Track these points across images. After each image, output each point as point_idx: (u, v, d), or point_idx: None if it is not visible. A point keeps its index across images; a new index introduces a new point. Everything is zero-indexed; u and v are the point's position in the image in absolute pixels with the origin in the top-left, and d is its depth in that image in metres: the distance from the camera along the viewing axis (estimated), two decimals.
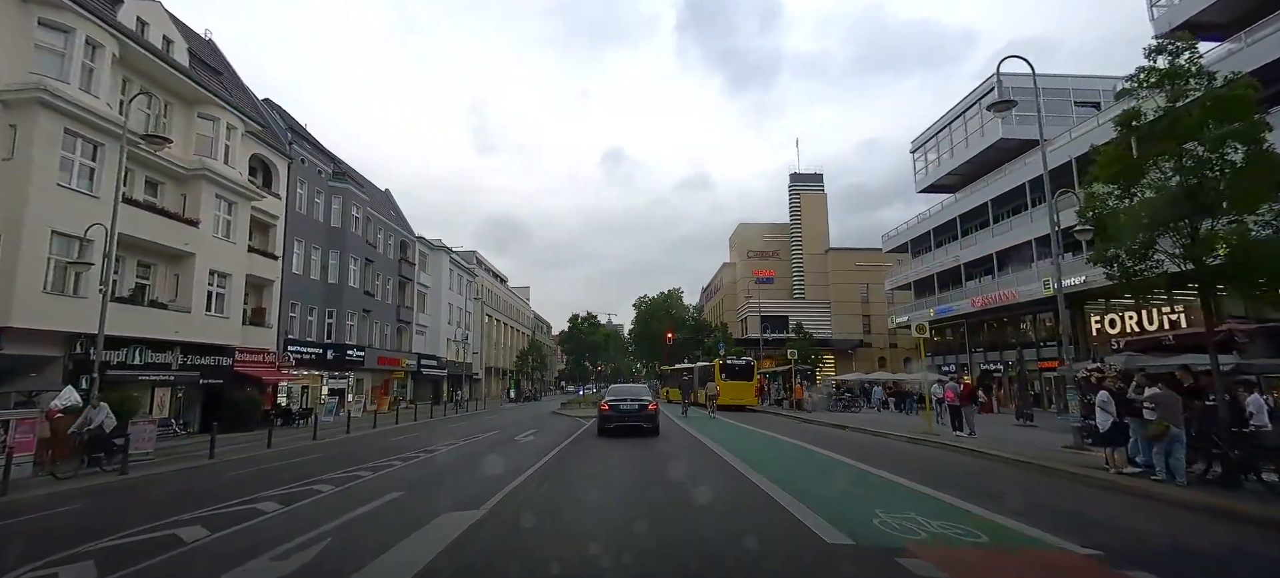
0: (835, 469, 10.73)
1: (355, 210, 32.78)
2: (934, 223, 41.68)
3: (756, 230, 68.13)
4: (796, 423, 22.06)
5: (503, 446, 15.06)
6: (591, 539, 5.98)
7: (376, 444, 16.29)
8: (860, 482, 9.35)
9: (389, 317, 38.52)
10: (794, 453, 13.24)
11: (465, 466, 11.53)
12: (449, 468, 11.23)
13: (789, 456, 12.85)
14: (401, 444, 15.92)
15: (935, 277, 40.88)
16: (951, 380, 19.44)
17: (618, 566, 5.21)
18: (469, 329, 57.59)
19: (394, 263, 39.70)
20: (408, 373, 41.26)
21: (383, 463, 11.74)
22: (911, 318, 44.34)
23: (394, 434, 20.17)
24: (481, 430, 19.94)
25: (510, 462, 11.48)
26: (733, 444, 14.36)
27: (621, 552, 5.58)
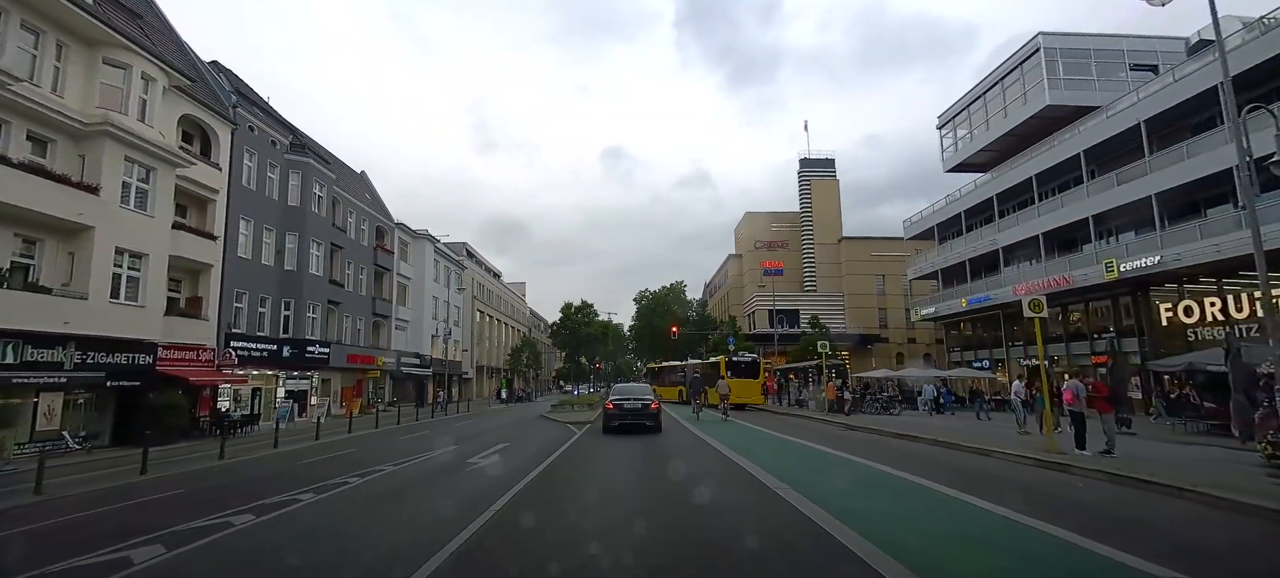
0: (976, 523, 6.64)
1: (318, 188, 28.88)
2: (965, 204, 37.75)
3: (764, 219, 64.23)
4: (842, 432, 17.94)
5: (437, 480, 10.20)
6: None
7: (251, 477, 11.64)
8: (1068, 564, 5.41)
9: (363, 310, 34.65)
10: (890, 487, 8.97)
11: (324, 539, 6.40)
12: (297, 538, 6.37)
13: (888, 493, 8.51)
14: (280, 479, 10.33)
15: (967, 263, 36.93)
16: (1071, 379, 15.38)
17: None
18: (458, 325, 53.74)
19: (369, 250, 35.81)
20: (386, 372, 37.38)
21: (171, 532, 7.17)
22: (938, 309, 40.59)
23: (311, 456, 14.36)
24: (435, 446, 15.01)
25: (416, 526, 6.74)
26: (790, 472, 9.96)
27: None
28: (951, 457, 12.11)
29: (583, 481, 9.70)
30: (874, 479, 9.50)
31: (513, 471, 10.39)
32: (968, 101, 37.93)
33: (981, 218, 37.78)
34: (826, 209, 61.06)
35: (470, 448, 14.31)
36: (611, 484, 9.26)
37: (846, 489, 8.74)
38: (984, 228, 36.30)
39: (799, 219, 62.51)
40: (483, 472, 10.66)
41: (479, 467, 11.30)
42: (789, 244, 62.40)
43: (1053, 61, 31.67)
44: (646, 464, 11.08)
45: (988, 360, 37.58)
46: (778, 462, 11.11)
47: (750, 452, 12.38)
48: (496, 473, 10.35)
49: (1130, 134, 26.22)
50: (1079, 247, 30.58)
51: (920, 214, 42.92)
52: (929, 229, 42.09)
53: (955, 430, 16.65)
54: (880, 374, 34.72)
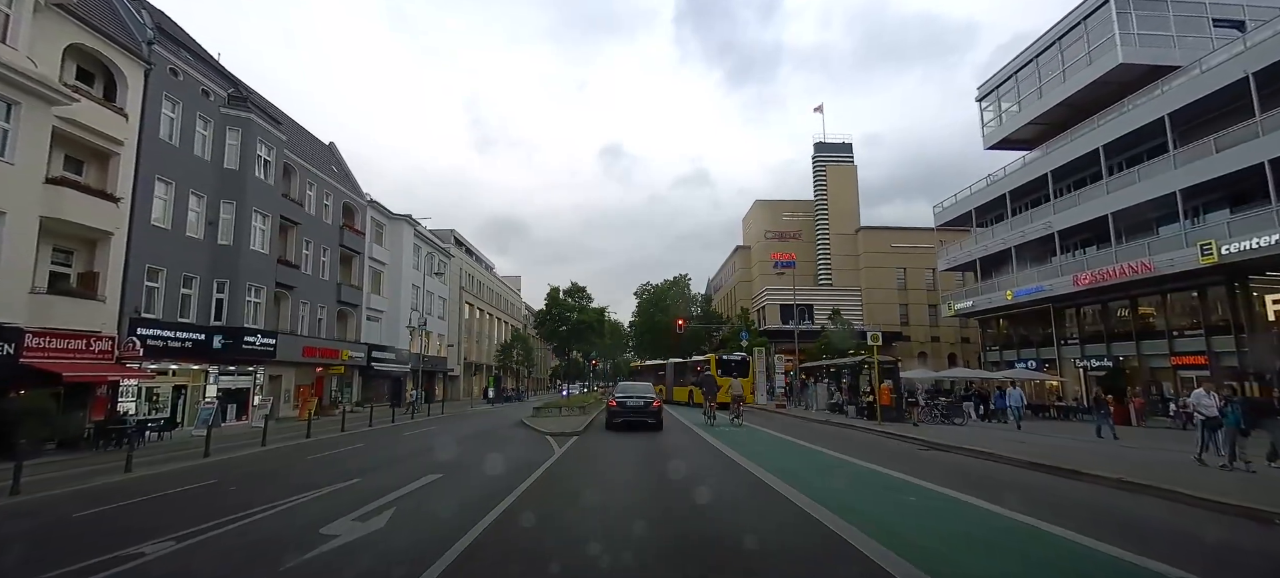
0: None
1: (264, 151, 24.52)
2: (1010, 185, 33.33)
3: (775, 208, 59.83)
4: (921, 451, 13.29)
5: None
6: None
7: None
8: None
9: (325, 296, 30.30)
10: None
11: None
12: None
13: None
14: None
15: (1013, 251, 32.53)
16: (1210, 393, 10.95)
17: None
18: (442, 318, 49.40)
19: (333, 229, 31.44)
20: (354, 368, 33.06)
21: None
22: (975, 303, 36.22)
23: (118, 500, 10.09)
24: (323, 482, 9.02)
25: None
26: (925, 543, 5.68)
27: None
28: (1160, 512, 7.56)
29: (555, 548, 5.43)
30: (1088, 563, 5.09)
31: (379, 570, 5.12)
32: (1016, 67, 33.48)
33: (1028, 200, 33.41)
34: (843, 197, 56.66)
35: (375, 485, 8.61)
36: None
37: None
38: (1035, 210, 31.91)
39: (813, 208, 58.12)
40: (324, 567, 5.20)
41: (324, 554, 5.48)
42: (802, 235, 58.03)
43: (1125, 15, 27.23)
44: (660, 521, 6.64)
45: (1034, 360, 33.23)
46: (886, 517, 6.68)
47: (824, 494, 7.90)
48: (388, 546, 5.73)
49: (1231, 92, 21.87)
50: (1155, 228, 26.24)
51: (954, 198, 38.48)
52: (964, 215, 37.65)
53: (1100, 456, 11.48)
54: (916, 374, 30.33)
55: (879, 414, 17.43)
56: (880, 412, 17.45)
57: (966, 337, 51.28)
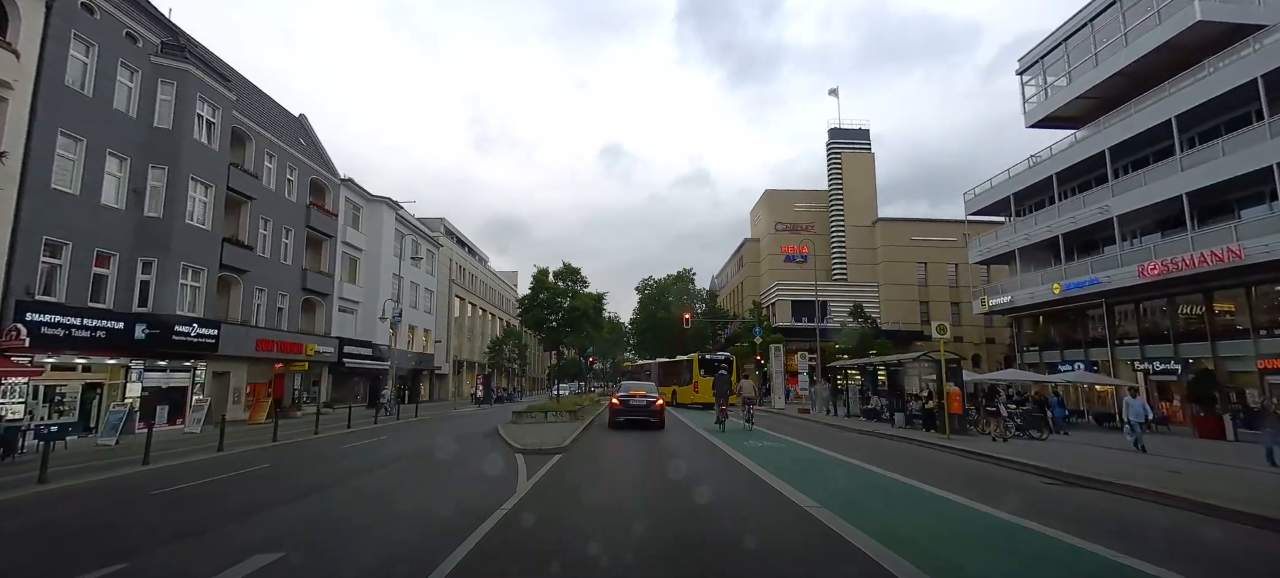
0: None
1: (207, 111, 21.11)
2: (1057, 166, 29.81)
3: (786, 198, 56.28)
4: (1062, 496, 8.39)
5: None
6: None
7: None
8: None
9: (287, 283, 26.88)
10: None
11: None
12: None
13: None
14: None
15: (1061, 239, 29.03)
16: None
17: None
18: (429, 312, 45.98)
19: (298, 208, 28.00)
20: (322, 364, 29.64)
21: None
22: (1015, 298, 32.68)
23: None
24: (97, 554, 4.91)
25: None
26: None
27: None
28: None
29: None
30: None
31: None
32: (1067, 34, 29.89)
33: (1077, 183, 29.93)
34: (860, 186, 53.14)
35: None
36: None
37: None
38: (1088, 193, 28.37)
39: (827, 199, 54.57)
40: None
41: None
42: (815, 227, 54.50)
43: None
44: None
45: (1082, 362, 29.68)
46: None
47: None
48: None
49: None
50: (1236, 211, 22.78)
51: (989, 183, 34.92)
52: (999, 202, 34.16)
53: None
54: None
55: (948, 425, 13.94)
56: (949, 422, 13.96)
57: (991, 337, 47.81)
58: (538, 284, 20.57)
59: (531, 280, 21.76)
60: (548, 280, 20.58)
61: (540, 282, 20.58)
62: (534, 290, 20.79)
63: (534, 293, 20.62)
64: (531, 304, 21.18)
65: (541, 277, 20.78)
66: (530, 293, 21.39)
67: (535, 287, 20.80)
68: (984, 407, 14.13)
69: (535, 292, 20.58)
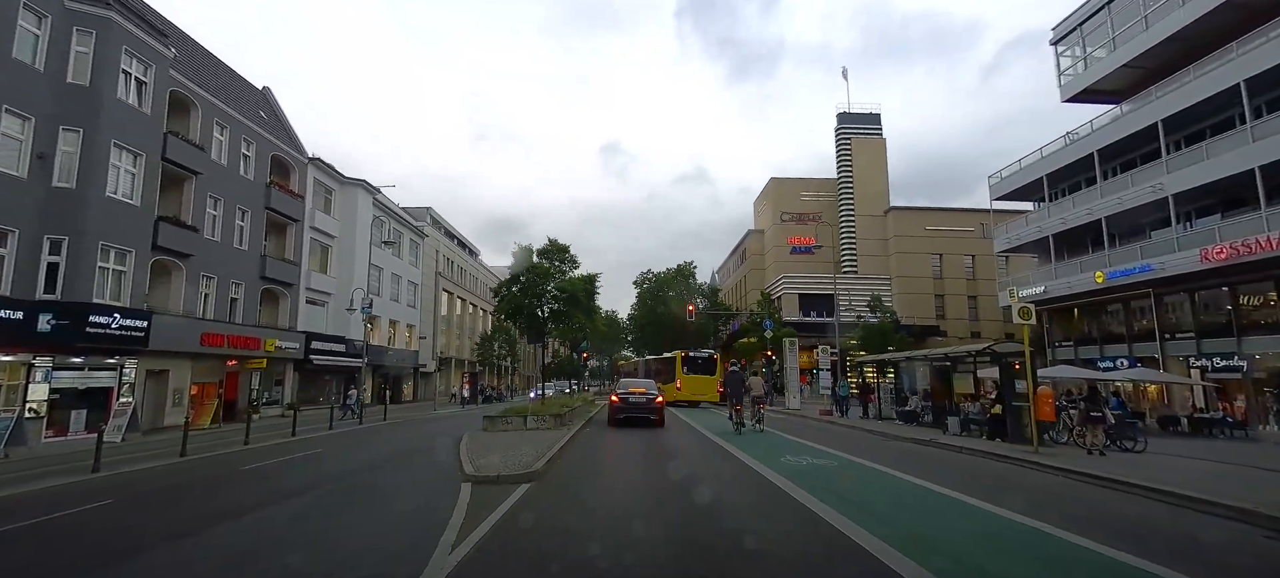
0: None
1: (137, 68, 18.18)
2: (1099, 142, 27.04)
3: (792, 186, 53.44)
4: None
5: None
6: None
7: None
8: None
9: (241, 270, 23.96)
10: None
11: None
12: None
13: None
14: None
15: (1104, 222, 26.26)
16: None
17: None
18: (415, 306, 43.11)
19: (256, 187, 25.07)
20: (285, 362, 26.77)
21: None
22: (1048, 288, 29.91)
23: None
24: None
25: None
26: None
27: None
28: None
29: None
30: None
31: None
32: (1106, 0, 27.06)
33: (1119, 162, 27.19)
34: (871, 174, 50.31)
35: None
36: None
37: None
38: (1135, 172, 25.59)
39: (836, 187, 51.75)
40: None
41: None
42: (823, 217, 51.68)
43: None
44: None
45: (1126, 358, 26.90)
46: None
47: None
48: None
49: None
50: None
51: (1018, 164, 32.14)
52: (1031, 185, 31.37)
53: None
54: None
55: (1035, 435, 11.11)
56: (1036, 430, 11.12)
57: (1011, 332, 45.06)
58: (518, 266, 17.50)
59: (511, 263, 18.69)
60: (532, 260, 17.45)
61: (521, 262, 17.56)
62: (513, 273, 17.69)
63: (514, 276, 17.53)
64: (511, 290, 17.78)
65: (525, 255, 17.65)
66: (508, 284, 18.18)
67: (514, 268, 17.78)
68: (1068, 410, 11.34)
69: (515, 275, 17.46)
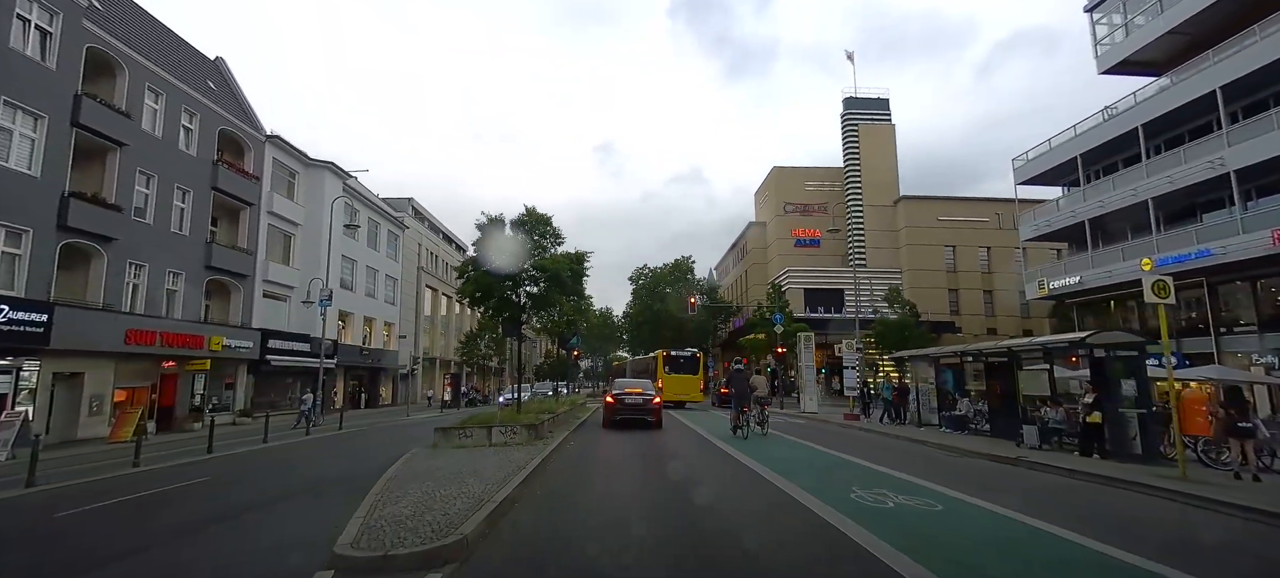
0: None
1: (33, 13, 15.27)
2: (1144, 115, 24.39)
3: (796, 176, 50.70)
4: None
5: None
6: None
7: None
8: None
9: (180, 259, 21.01)
10: None
11: None
12: None
13: None
14: None
15: (1150, 204, 23.65)
16: None
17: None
18: (394, 303, 40.19)
19: (201, 166, 22.13)
20: (237, 362, 23.83)
21: None
22: (1083, 278, 27.27)
23: None
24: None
25: None
26: None
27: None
28: None
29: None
30: None
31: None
32: None
33: (1166, 139, 24.60)
34: (879, 162, 47.64)
35: None
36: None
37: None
38: (1188, 147, 22.97)
39: (842, 176, 49.07)
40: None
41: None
42: (828, 208, 49.00)
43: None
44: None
45: (1175, 355, 24.18)
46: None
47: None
48: None
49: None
50: None
51: (1047, 144, 29.49)
52: (1060, 167, 28.73)
53: None
54: None
55: (1180, 450, 8.33)
56: (1180, 447, 8.37)
57: (1029, 329, 42.55)
58: (487, 243, 14.11)
59: (476, 233, 15.17)
60: (502, 233, 14.15)
61: (490, 238, 14.15)
62: (481, 250, 14.33)
63: (482, 252, 14.20)
64: (475, 268, 14.34)
65: (492, 227, 14.26)
66: (473, 266, 14.70)
67: (481, 245, 14.48)
68: (1235, 422, 8.70)
69: (485, 248, 14.06)
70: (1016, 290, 44.48)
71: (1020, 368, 12.98)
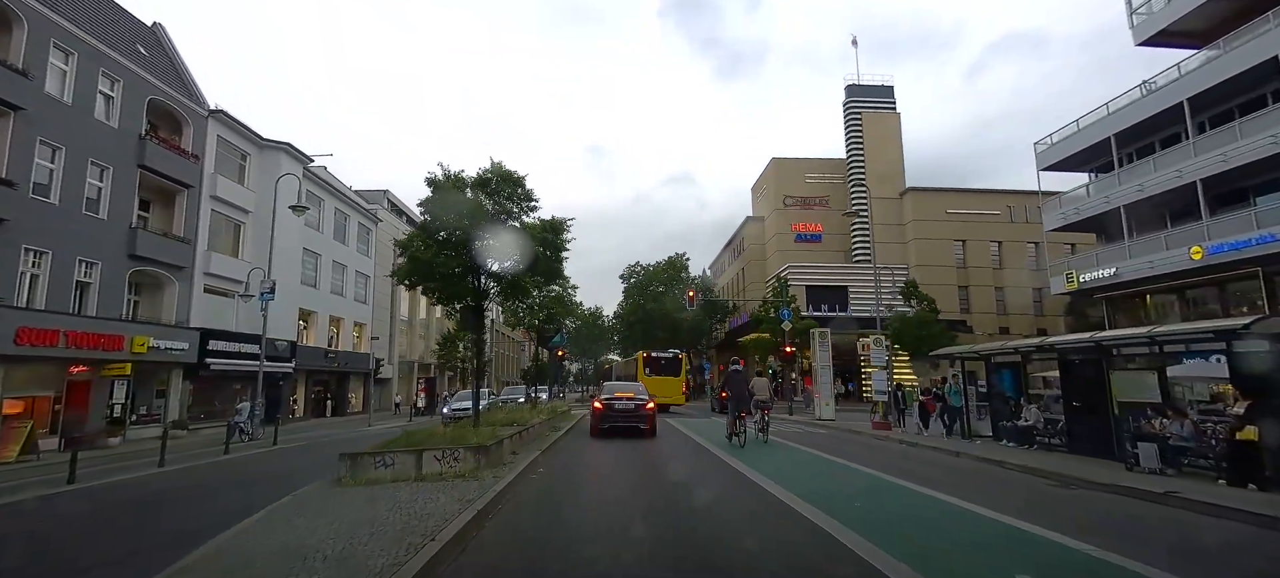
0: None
1: None
2: (1189, 89, 22.01)
3: (797, 167, 48.11)
4: None
5: None
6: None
7: None
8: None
9: (96, 246, 18.11)
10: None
11: None
12: None
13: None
14: None
15: (1199, 186, 21.26)
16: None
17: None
18: (366, 302, 37.31)
19: (126, 140, 19.25)
20: (176, 366, 20.90)
21: None
22: (1119, 270, 24.85)
23: None
24: None
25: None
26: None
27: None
28: None
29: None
30: None
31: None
32: None
33: (1211, 116, 22.25)
34: (884, 152, 45.22)
35: None
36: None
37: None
38: (1243, 122, 20.57)
39: (845, 168, 46.58)
40: None
41: None
42: (830, 202, 46.54)
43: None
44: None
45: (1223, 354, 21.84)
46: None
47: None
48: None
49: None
50: None
51: (1075, 125, 27.10)
52: (1087, 150, 26.35)
53: None
54: None
55: None
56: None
57: (1043, 328, 40.22)
58: (440, 193, 10.81)
59: (427, 190, 11.66)
60: (459, 197, 10.87)
61: (445, 187, 10.88)
62: (432, 214, 11.86)
63: (432, 216, 11.05)
64: (420, 243, 11.20)
65: (447, 185, 10.89)
66: (423, 216, 11.45)
67: (430, 209, 11.14)
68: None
69: (435, 215, 11.77)
70: (1031, 288, 42.20)
71: (1112, 368, 10.40)
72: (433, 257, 11.59)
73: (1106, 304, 27.60)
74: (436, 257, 11.62)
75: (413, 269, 12.45)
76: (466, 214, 11.26)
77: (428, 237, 11.81)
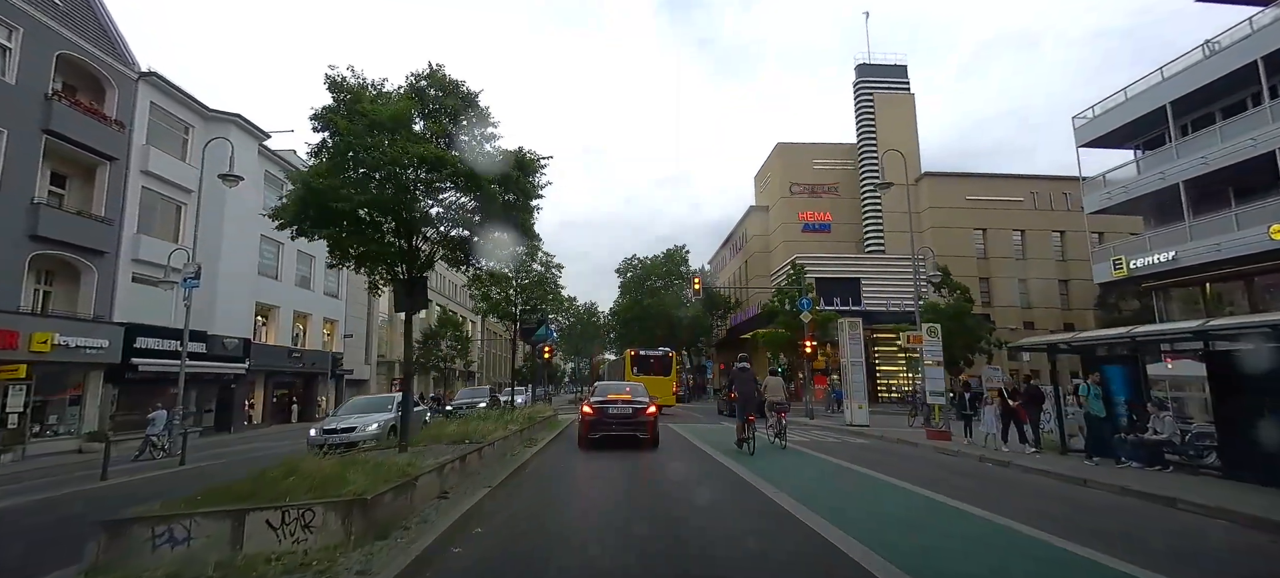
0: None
1: None
2: (1265, 45, 19.23)
3: (804, 152, 45.23)
4: None
5: None
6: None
7: None
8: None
9: None
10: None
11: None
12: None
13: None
14: None
15: (1277, 156, 18.48)
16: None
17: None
18: (338, 297, 34.29)
19: (30, 101, 16.25)
20: (94, 368, 17.91)
21: None
22: (1179, 255, 22.07)
23: None
24: None
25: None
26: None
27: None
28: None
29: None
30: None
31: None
32: None
33: (1270, 85, 19.48)
34: (897, 134, 42.31)
35: None
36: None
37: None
38: None
39: (855, 153, 43.76)
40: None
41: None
42: (839, 190, 43.71)
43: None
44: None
45: None
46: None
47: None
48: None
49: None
50: None
51: (1123, 94, 24.33)
52: (1144, 118, 23.54)
53: None
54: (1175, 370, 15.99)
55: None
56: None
57: (1070, 322, 37.49)
58: (340, 112, 7.77)
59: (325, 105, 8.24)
60: (371, 104, 7.67)
61: (343, 103, 7.80)
62: (339, 141, 7.89)
63: (338, 145, 7.87)
64: (321, 175, 7.86)
65: (354, 96, 7.70)
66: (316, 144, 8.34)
67: (337, 121, 7.78)
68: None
69: (342, 143, 7.80)
70: (1057, 279, 39.53)
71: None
72: (333, 187, 7.78)
73: (1156, 295, 24.81)
74: (341, 188, 7.85)
75: (301, 209, 8.41)
76: (389, 138, 7.54)
77: (331, 162, 8.01)
